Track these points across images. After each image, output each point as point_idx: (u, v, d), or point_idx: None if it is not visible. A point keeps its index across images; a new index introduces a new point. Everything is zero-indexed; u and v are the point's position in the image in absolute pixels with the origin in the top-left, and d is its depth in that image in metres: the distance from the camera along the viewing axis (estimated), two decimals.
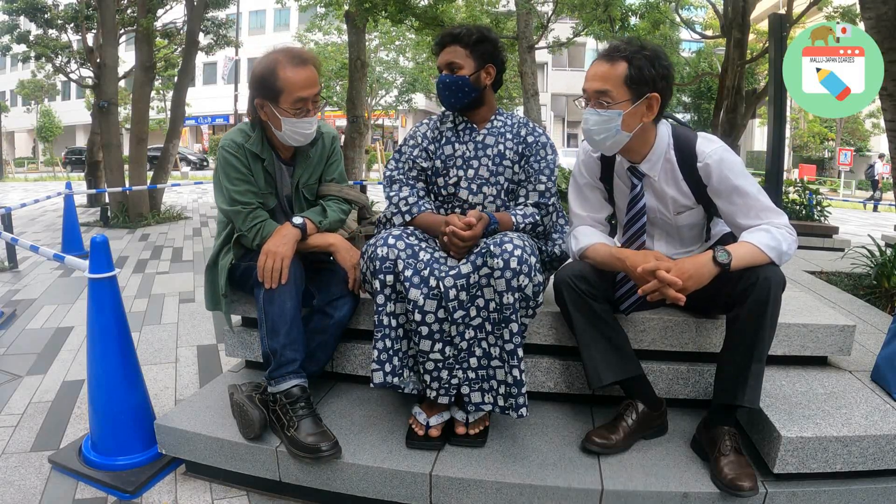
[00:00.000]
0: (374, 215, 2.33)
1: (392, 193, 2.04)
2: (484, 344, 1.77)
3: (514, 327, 1.73)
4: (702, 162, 1.80)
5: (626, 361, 1.84)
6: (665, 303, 1.69)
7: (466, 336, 1.77)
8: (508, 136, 2.07)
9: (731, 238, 1.91)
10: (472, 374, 1.79)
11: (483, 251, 1.76)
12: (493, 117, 2.10)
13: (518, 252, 1.71)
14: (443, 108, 2.19)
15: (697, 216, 1.93)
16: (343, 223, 2.19)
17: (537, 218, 2.00)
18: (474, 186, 2.04)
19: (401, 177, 2.06)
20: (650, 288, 1.66)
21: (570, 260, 2.02)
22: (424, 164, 2.06)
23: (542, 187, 2.03)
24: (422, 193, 2.05)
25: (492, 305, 1.74)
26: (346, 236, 2.20)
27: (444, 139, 2.10)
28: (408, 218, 2.00)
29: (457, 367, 1.79)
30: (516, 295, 1.71)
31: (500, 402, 1.78)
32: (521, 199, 2.04)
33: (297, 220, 2.01)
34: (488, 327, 1.76)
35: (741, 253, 1.67)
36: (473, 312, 1.75)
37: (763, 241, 1.69)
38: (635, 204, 1.93)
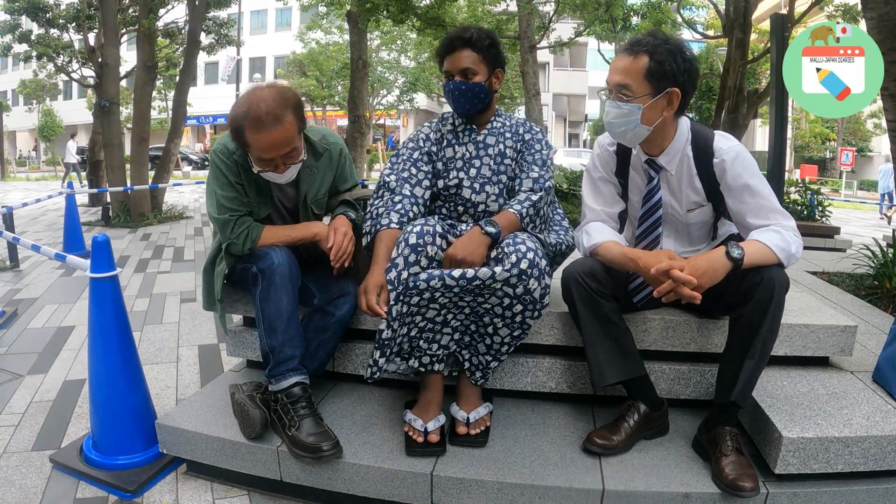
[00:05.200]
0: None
1: (372, 201, 2.00)
2: (473, 336, 1.88)
3: (508, 338, 1.84)
4: (718, 158, 1.81)
5: (630, 361, 1.84)
6: (681, 302, 1.69)
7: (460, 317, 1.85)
8: (508, 135, 2.08)
9: (737, 239, 1.90)
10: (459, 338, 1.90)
11: (499, 255, 1.77)
12: (493, 118, 2.11)
13: (531, 255, 1.72)
14: (444, 110, 2.19)
15: (707, 214, 1.93)
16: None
17: (534, 199, 1.95)
18: (477, 186, 2.04)
19: (391, 179, 2.01)
20: (665, 289, 1.65)
21: (579, 255, 2.02)
22: (426, 168, 2.05)
23: (535, 174, 2.01)
24: (402, 206, 1.94)
25: (497, 310, 1.78)
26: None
27: (444, 141, 2.10)
28: (370, 233, 1.94)
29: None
30: (523, 302, 1.74)
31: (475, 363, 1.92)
32: (516, 189, 2.04)
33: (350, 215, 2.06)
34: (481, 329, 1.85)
35: (752, 250, 1.67)
36: (474, 304, 1.81)
37: (773, 242, 1.69)
38: (651, 197, 1.93)
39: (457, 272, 1.68)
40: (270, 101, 1.81)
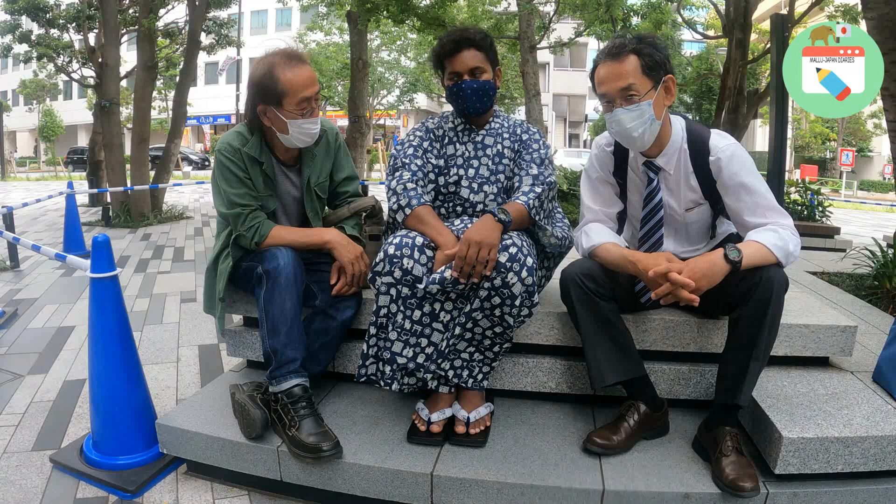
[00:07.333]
0: (380, 213, 2.34)
1: (393, 180, 1.99)
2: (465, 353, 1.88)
3: (490, 332, 1.84)
4: (714, 156, 1.81)
5: (629, 362, 1.84)
6: (679, 303, 1.70)
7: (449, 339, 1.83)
8: (506, 135, 2.10)
9: (736, 238, 1.90)
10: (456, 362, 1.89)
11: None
12: (491, 119, 2.12)
13: (513, 250, 1.74)
14: (444, 110, 2.20)
15: (705, 213, 1.94)
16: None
17: (537, 191, 1.95)
18: (475, 185, 2.04)
19: (405, 160, 2.02)
20: (663, 291, 1.65)
21: (578, 256, 2.02)
22: (434, 161, 2.07)
23: (534, 172, 2.02)
24: (421, 180, 2.00)
25: (476, 303, 1.79)
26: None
27: (446, 139, 2.11)
28: (405, 206, 1.91)
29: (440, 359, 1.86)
30: (501, 296, 1.75)
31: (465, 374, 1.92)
32: (515, 187, 2.04)
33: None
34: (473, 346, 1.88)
35: (750, 251, 1.67)
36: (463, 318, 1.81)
37: (771, 241, 1.69)
38: (652, 199, 1.93)
39: (448, 273, 1.75)
40: (292, 47, 2.01)
